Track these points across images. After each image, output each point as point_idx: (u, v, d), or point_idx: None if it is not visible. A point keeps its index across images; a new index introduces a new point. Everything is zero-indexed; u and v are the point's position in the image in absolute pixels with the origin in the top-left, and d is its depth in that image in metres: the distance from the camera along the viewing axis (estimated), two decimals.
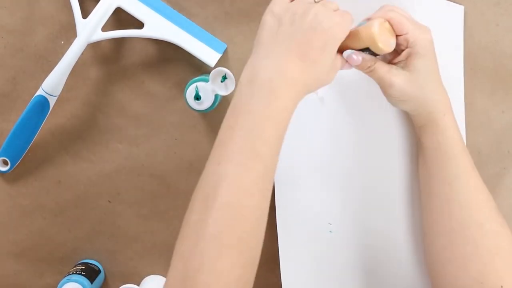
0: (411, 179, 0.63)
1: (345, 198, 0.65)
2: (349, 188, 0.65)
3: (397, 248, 0.65)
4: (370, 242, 0.65)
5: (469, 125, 0.63)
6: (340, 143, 0.64)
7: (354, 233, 0.65)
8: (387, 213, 0.65)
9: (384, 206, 0.65)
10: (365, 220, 0.65)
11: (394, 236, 0.65)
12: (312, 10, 0.48)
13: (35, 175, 0.68)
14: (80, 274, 0.65)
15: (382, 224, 0.65)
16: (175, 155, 0.68)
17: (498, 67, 0.62)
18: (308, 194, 0.65)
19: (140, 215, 0.70)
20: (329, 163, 0.65)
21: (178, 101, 0.67)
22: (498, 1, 0.61)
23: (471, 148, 0.61)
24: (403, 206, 0.64)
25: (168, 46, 0.65)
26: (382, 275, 0.66)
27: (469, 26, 0.62)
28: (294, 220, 0.66)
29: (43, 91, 0.63)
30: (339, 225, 0.65)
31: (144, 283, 0.67)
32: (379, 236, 0.65)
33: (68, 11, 0.65)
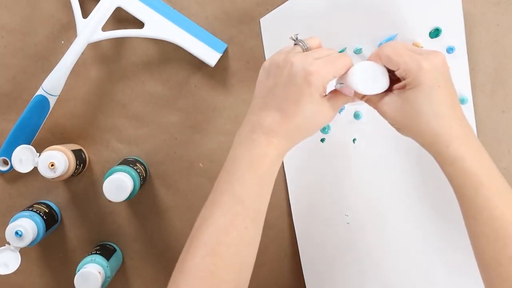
0: (427, 174, 0.65)
1: (361, 192, 0.66)
2: (365, 181, 0.66)
3: (412, 236, 0.66)
4: (386, 232, 0.67)
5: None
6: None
7: (370, 223, 0.67)
8: (401, 205, 0.66)
9: (398, 198, 0.66)
10: (380, 211, 0.67)
11: (408, 225, 0.66)
12: (289, 62, 0.48)
13: (35, 175, 0.68)
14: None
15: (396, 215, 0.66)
16: (175, 155, 0.68)
17: (498, 67, 0.62)
18: (324, 187, 0.66)
19: (140, 215, 0.70)
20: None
21: (178, 101, 0.67)
22: (498, 1, 0.61)
23: None
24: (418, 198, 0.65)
25: (168, 46, 0.65)
26: (397, 263, 0.67)
27: (469, 26, 0.62)
28: (310, 215, 0.67)
29: (43, 90, 0.63)
30: (355, 216, 0.67)
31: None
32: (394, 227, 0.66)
33: (68, 11, 0.65)
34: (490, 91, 0.63)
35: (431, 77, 0.47)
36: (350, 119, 0.65)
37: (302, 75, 0.47)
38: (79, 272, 0.61)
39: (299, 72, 0.47)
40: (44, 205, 0.68)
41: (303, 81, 0.47)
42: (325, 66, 0.47)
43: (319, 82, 0.47)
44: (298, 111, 0.47)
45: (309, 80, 0.46)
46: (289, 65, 0.47)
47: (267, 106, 0.48)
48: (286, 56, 0.49)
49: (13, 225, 0.61)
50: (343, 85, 0.51)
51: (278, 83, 0.48)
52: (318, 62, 0.47)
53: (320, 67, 0.47)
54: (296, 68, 0.47)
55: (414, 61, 0.47)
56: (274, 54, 0.51)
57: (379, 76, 0.50)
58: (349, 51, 0.64)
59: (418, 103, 0.48)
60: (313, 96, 0.47)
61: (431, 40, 0.62)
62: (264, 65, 0.51)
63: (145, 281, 0.71)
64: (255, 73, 0.65)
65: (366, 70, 0.49)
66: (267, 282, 0.70)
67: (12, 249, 0.61)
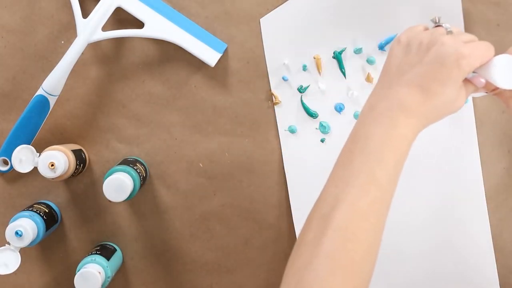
0: (428, 174, 0.64)
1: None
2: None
3: (413, 236, 0.66)
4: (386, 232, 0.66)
5: None
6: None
7: None
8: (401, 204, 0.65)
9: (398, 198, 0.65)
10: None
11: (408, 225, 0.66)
12: (439, 41, 0.46)
13: (35, 175, 0.68)
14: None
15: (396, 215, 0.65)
16: (175, 155, 0.68)
17: None
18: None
19: (140, 215, 0.70)
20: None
21: (178, 101, 0.67)
22: (498, 1, 0.61)
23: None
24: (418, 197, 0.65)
25: (168, 46, 0.65)
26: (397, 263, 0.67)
27: (469, 26, 0.62)
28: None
29: (43, 90, 0.63)
30: None
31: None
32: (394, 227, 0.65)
33: (68, 10, 0.65)
34: None
35: None
36: (350, 119, 0.65)
37: (454, 57, 0.44)
38: (79, 272, 0.61)
39: (451, 53, 0.44)
40: (44, 205, 0.68)
41: (453, 63, 0.44)
42: (476, 50, 0.45)
43: (468, 67, 0.45)
44: (441, 93, 0.45)
45: (460, 63, 0.44)
46: (440, 44, 0.45)
47: (408, 83, 0.46)
48: (432, 34, 0.47)
49: (13, 225, 0.61)
50: (476, 75, 0.48)
51: (423, 61, 0.46)
52: (470, 45, 0.45)
53: (472, 51, 0.45)
54: (448, 48, 0.45)
55: None
56: (410, 31, 0.49)
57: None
58: (349, 51, 0.64)
59: None
60: (458, 80, 0.45)
61: None
62: (400, 39, 0.49)
63: (145, 281, 0.71)
64: (255, 73, 0.66)
65: (508, 62, 0.46)
66: (267, 282, 0.70)
67: (12, 249, 0.61)
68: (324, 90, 0.65)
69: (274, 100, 0.66)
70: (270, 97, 0.66)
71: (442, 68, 0.45)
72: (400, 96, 0.46)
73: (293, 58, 0.65)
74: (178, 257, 0.70)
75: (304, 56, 0.65)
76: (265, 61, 0.65)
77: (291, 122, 0.66)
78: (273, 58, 0.65)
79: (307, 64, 0.65)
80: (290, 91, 0.66)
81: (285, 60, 0.65)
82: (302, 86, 0.65)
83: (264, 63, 0.66)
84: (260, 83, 0.66)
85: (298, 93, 0.65)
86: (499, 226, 0.65)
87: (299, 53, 0.65)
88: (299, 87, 0.65)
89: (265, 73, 0.66)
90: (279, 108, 0.66)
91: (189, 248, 0.70)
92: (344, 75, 0.65)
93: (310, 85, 0.65)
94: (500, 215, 0.65)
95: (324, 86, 0.65)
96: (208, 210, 0.69)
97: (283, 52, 0.65)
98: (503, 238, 0.65)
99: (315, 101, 0.65)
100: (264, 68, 0.66)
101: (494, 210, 0.65)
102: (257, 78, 0.66)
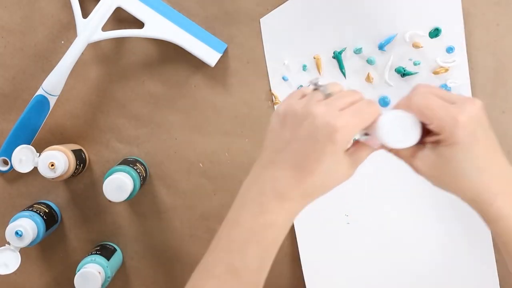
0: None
1: (361, 192, 0.66)
2: (365, 181, 0.66)
3: (413, 236, 0.66)
4: (386, 232, 0.67)
5: None
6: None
7: (370, 223, 0.67)
8: (401, 205, 0.66)
9: (399, 198, 0.66)
10: (380, 211, 0.66)
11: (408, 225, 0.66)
12: (312, 113, 0.41)
13: (35, 175, 0.68)
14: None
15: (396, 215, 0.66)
16: (175, 155, 0.68)
17: (498, 67, 0.62)
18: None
19: (140, 215, 0.70)
20: None
21: (178, 101, 0.67)
22: (498, 1, 0.61)
23: None
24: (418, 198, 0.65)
25: (168, 46, 0.65)
26: (397, 263, 0.67)
27: (469, 26, 0.62)
28: (310, 215, 0.67)
29: (43, 90, 0.63)
30: (355, 216, 0.67)
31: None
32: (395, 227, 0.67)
33: (68, 10, 0.65)
34: (490, 91, 0.63)
35: (468, 133, 0.42)
36: None
37: (327, 131, 0.41)
38: (79, 272, 0.61)
39: (323, 127, 0.41)
40: (44, 205, 0.68)
41: (327, 138, 0.41)
42: (352, 119, 0.41)
43: (344, 139, 0.41)
44: (317, 170, 0.42)
45: (334, 138, 0.40)
46: (311, 117, 0.41)
47: (282, 162, 0.43)
48: (306, 104, 0.43)
49: (13, 225, 0.61)
50: (368, 137, 0.45)
51: (296, 137, 0.42)
52: (344, 115, 0.41)
53: (347, 121, 0.41)
54: (319, 122, 0.41)
55: (448, 116, 0.41)
56: (290, 98, 0.45)
57: (410, 128, 0.43)
58: (349, 51, 0.64)
59: (456, 162, 0.43)
60: (336, 153, 0.42)
61: (431, 40, 0.62)
62: (278, 110, 0.44)
63: (145, 281, 0.71)
64: (255, 73, 0.66)
65: (396, 121, 0.43)
66: (267, 282, 0.70)
67: (12, 249, 0.61)
68: None
69: (274, 100, 0.66)
70: (270, 97, 0.66)
71: (315, 145, 0.41)
72: (274, 179, 0.43)
73: (293, 58, 0.65)
74: (178, 257, 0.70)
75: (304, 56, 0.65)
76: (265, 61, 0.65)
77: None
78: (273, 58, 0.65)
79: (307, 64, 0.65)
80: (290, 91, 0.65)
81: (285, 60, 0.65)
82: (302, 86, 0.65)
83: (264, 63, 0.66)
84: (260, 83, 0.66)
85: None
86: None
87: (299, 53, 0.65)
88: (299, 87, 0.65)
89: (265, 73, 0.66)
90: None
91: (189, 248, 0.70)
92: (344, 75, 0.64)
93: (310, 85, 0.65)
94: None
95: None
96: (208, 210, 0.69)
97: (283, 52, 0.65)
98: None
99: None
100: (264, 68, 0.66)
101: None
102: (257, 78, 0.66)
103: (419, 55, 0.62)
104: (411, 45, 0.62)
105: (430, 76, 0.63)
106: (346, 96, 0.43)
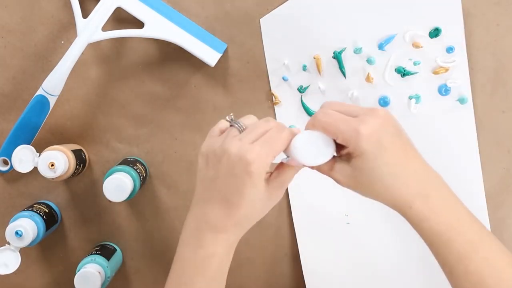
0: None
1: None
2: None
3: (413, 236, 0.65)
4: (386, 232, 0.67)
5: None
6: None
7: (370, 223, 0.67)
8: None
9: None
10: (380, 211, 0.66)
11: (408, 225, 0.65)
12: (227, 151, 0.44)
13: (35, 175, 0.68)
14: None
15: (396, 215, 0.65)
16: (175, 155, 0.68)
17: (498, 67, 0.62)
18: (324, 187, 0.66)
19: (140, 215, 0.70)
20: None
21: (178, 101, 0.67)
22: (498, 1, 0.61)
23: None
24: None
25: (168, 46, 0.65)
26: (397, 264, 0.67)
27: (469, 26, 0.62)
28: (310, 215, 0.67)
29: (43, 90, 0.63)
30: (355, 216, 0.67)
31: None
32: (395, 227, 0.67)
33: (68, 10, 0.65)
34: (490, 91, 0.63)
35: (372, 143, 0.43)
36: None
37: (241, 167, 0.43)
38: (79, 272, 0.61)
39: (237, 162, 0.43)
40: (44, 205, 0.68)
41: (243, 173, 0.43)
42: (262, 150, 0.43)
43: (259, 170, 0.43)
44: (242, 202, 0.44)
45: (249, 171, 0.43)
46: (227, 155, 0.44)
47: (210, 198, 0.46)
48: (222, 143, 0.45)
49: (13, 225, 0.61)
50: (289, 158, 0.47)
51: (218, 174, 0.45)
52: (255, 147, 0.43)
53: (258, 153, 0.43)
54: (234, 158, 0.43)
55: (350, 129, 0.43)
56: (210, 138, 0.48)
57: (323, 145, 0.45)
58: (349, 51, 0.64)
59: (367, 171, 0.44)
60: (256, 184, 0.44)
61: (431, 40, 0.62)
62: (202, 151, 0.47)
63: (145, 281, 0.71)
64: (255, 73, 0.66)
65: (309, 140, 0.45)
66: (267, 282, 0.70)
67: (12, 249, 0.61)
68: (324, 90, 0.65)
69: (274, 100, 0.66)
70: (270, 97, 0.66)
71: (235, 180, 0.44)
72: (206, 214, 0.46)
73: (293, 58, 0.65)
74: None
75: (304, 56, 0.65)
76: (265, 61, 0.65)
77: (291, 122, 0.66)
78: (273, 58, 0.65)
79: (307, 64, 0.65)
80: (290, 91, 0.66)
81: (285, 60, 0.65)
82: (302, 86, 0.65)
83: (264, 63, 0.66)
84: (260, 83, 0.66)
85: (298, 93, 0.65)
86: (499, 226, 0.65)
87: (299, 53, 0.65)
88: (299, 87, 0.65)
89: (265, 73, 0.66)
90: (279, 108, 0.66)
91: None
92: (344, 75, 0.65)
93: (310, 85, 0.65)
94: (500, 215, 0.65)
95: (324, 86, 0.65)
96: None
97: (283, 52, 0.65)
98: (503, 238, 0.65)
99: (315, 101, 0.65)
100: (264, 68, 0.66)
101: (494, 210, 0.65)
102: (257, 78, 0.66)
103: (419, 55, 0.62)
104: (411, 45, 0.62)
105: (430, 76, 0.63)
106: (258, 127, 0.45)
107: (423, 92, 0.63)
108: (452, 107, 0.63)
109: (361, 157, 0.44)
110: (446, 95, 0.63)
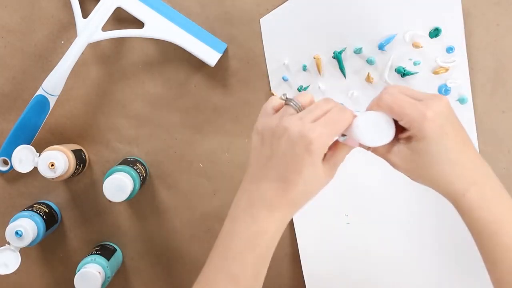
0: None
1: (361, 192, 0.66)
2: (365, 181, 0.66)
3: (413, 236, 0.66)
4: (386, 232, 0.67)
5: None
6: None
7: (370, 223, 0.67)
8: (401, 205, 0.66)
9: (398, 198, 0.66)
10: (380, 211, 0.67)
11: (408, 225, 0.66)
12: (287, 129, 0.44)
13: (35, 175, 0.68)
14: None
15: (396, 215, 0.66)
16: (175, 155, 0.68)
17: (498, 67, 0.62)
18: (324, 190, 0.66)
19: (140, 215, 0.70)
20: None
21: (178, 101, 0.67)
22: (498, 1, 0.61)
23: None
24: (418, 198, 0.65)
25: (168, 46, 0.65)
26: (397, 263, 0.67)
27: (469, 26, 0.62)
28: (310, 215, 0.67)
29: (43, 90, 0.63)
30: (355, 216, 0.67)
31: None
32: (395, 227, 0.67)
33: (68, 10, 0.65)
34: (490, 91, 0.63)
35: (436, 127, 0.44)
36: None
37: (302, 145, 0.43)
38: (79, 272, 0.61)
39: (297, 140, 0.43)
40: (44, 205, 0.68)
41: (303, 151, 0.43)
42: (324, 129, 0.43)
43: (320, 149, 0.44)
44: (300, 180, 0.44)
45: (309, 149, 0.43)
46: (287, 133, 0.44)
47: (267, 176, 0.45)
48: (280, 120, 0.45)
49: (13, 225, 0.61)
50: (346, 137, 0.47)
51: (276, 153, 0.45)
52: (317, 126, 0.43)
53: (320, 132, 0.43)
54: (294, 136, 0.43)
55: (416, 112, 0.44)
56: (265, 116, 0.47)
57: (384, 126, 0.46)
58: (349, 51, 0.64)
59: (427, 155, 0.45)
60: (315, 163, 0.44)
61: (431, 40, 0.62)
62: (257, 128, 0.47)
63: (145, 281, 0.71)
64: (255, 73, 0.66)
65: (370, 121, 0.46)
66: (267, 282, 0.70)
67: (12, 249, 0.61)
68: (324, 90, 0.65)
69: None
70: None
71: (294, 158, 0.44)
72: (261, 192, 0.46)
73: (293, 58, 0.65)
74: (178, 257, 0.70)
75: (304, 56, 0.65)
76: (265, 61, 0.65)
77: None
78: (273, 58, 0.65)
79: (307, 64, 0.65)
80: (290, 91, 0.66)
81: (285, 60, 0.65)
82: (302, 86, 0.65)
83: (264, 63, 0.66)
84: (260, 83, 0.66)
85: (298, 93, 0.65)
86: None
87: (299, 53, 0.65)
88: (299, 87, 0.65)
89: (265, 73, 0.66)
90: None
91: (189, 248, 0.70)
92: (344, 75, 0.64)
93: (310, 85, 0.65)
94: None
95: (324, 86, 0.65)
96: (208, 210, 0.69)
97: (283, 52, 0.65)
98: None
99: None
100: (264, 68, 0.66)
101: None
102: (257, 78, 0.66)
103: (419, 55, 0.62)
104: (411, 45, 0.62)
105: (430, 76, 0.63)
106: (318, 107, 0.45)
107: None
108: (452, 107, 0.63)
109: (423, 141, 0.44)
110: (446, 95, 0.63)
